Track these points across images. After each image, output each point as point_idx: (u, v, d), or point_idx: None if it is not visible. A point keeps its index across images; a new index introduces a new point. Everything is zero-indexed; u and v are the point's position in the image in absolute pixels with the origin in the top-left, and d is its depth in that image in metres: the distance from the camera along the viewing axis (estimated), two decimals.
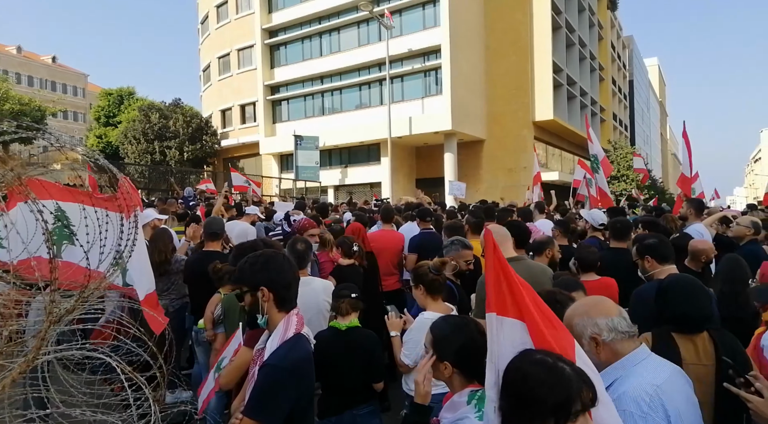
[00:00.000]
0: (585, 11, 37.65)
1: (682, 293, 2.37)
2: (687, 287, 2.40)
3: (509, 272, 1.47)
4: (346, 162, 30.97)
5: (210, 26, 38.20)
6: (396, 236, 6.09)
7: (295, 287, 2.14)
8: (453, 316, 2.18)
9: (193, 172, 28.74)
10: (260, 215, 8.24)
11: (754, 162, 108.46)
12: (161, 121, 31.76)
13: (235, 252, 3.53)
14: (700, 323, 2.33)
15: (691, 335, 2.30)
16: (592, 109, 38.43)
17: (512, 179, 28.48)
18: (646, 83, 76.10)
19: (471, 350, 1.85)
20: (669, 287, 2.46)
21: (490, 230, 1.58)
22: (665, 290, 2.46)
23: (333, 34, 30.82)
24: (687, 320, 2.33)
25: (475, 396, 1.83)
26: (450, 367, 1.86)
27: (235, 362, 2.49)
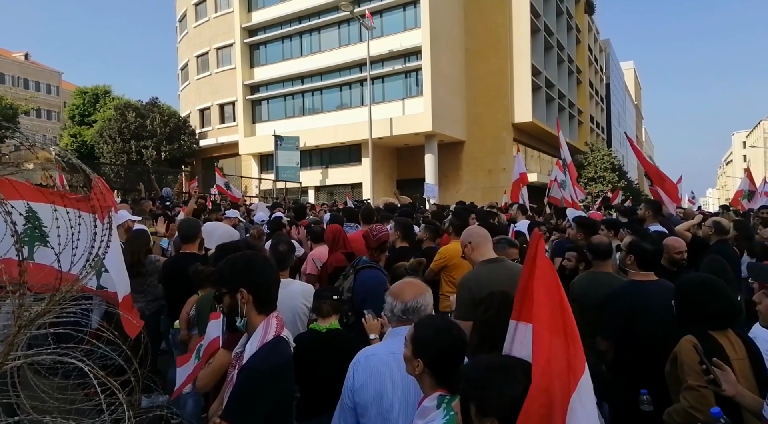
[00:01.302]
0: (563, 15, 38.21)
1: (716, 292, 2.44)
2: (717, 284, 2.48)
3: (535, 274, 1.45)
4: (327, 163, 30.86)
5: (188, 24, 37.71)
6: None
7: (275, 289, 2.12)
8: (440, 318, 2.13)
9: (170, 172, 28.32)
10: (240, 218, 8.16)
11: (725, 164, 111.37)
12: (138, 121, 31.21)
13: (217, 253, 3.49)
14: (734, 318, 2.42)
15: (724, 330, 2.38)
16: (569, 111, 39.00)
17: (492, 181, 28.74)
18: (623, 86, 77.54)
19: (448, 355, 1.84)
20: (701, 286, 2.50)
21: (540, 234, 1.55)
22: (696, 290, 2.49)
23: (313, 34, 30.70)
24: (724, 317, 2.40)
25: (443, 400, 1.82)
26: (422, 365, 1.85)
27: (213, 365, 2.46)
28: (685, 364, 2.28)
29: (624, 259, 3.34)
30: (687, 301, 2.50)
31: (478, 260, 3.47)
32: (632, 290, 3.18)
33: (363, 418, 2.15)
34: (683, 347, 2.33)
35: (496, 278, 3.22)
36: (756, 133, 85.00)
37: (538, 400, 1.30)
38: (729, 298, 2.43)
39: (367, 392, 2.16)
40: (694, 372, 2.20)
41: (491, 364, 1.48)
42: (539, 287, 1.43)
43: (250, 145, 32.13)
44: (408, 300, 2.26)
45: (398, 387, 2.14)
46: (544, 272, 1.44)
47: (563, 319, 1.40)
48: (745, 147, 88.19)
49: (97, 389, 1.43)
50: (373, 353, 2.27)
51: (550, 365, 1.34)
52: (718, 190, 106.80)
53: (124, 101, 36.50)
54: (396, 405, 2.12)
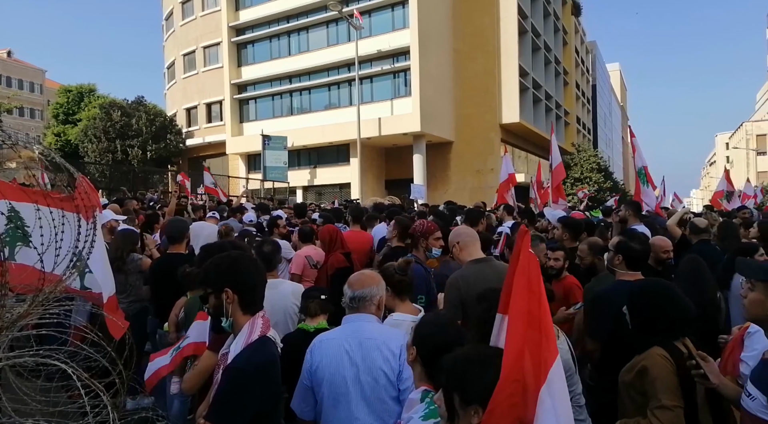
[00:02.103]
0: (550, 16, 38.50)
1: (673, 299, 2.33)
2: (674, 292, 2.37)
3: (516, 269, 1.49)
4: (315, 163, 30.78)
5: (175, 23, 37.38)
6: (365, 236, 6.08)
7: (261, 289, 2.10)
8: (444, 316, 2.26)
9: (156, 171, 28.03)
10: (216, 217, 8.07)
11: (709, 165, 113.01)
12: (123, 120, 30.84)
13: (202, 254, 3.45)
14: (691, 325, 2.33)
15: (682, 339, 2.28)
16: (556, 112, 39.31)
17: (480, 181, 28.87)
18: (608, 88, 78.32)
19: (443, 352, 1.84)
20: (658, 293, 2.38)
21: (526, 230, 1.58)
22: (653, 298, 2.37)
23: (302, 33, 30.60)
24: (682, 325, 2.31)
25: (427, 395, 1.87)
26: (414, 353, 1.95)
27: (199, 367, 2.44)
28: (658, 380, 2.12)
29: (612, 259, 3.35)
30: (644, 309, 2.37)
31: (466, 259, 3.48)
32: (620, 290, 3.20)
33: (318, 396, 2.35)
34: (655, 361, 2.18)
35: (484, 277, 3.23)
36: (738, 134, 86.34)
37: (508, 389, 1.33)
38: (685, 305, 2.32)
39: (321, 373, 2.33)
40: (669, 391, 2.08)
41: (469, 354, 1.53)
42: (520, 280, 1.46)
43: (237, 144, 31.93)
44: (355, 290, 2.49)
45: (348, 368, 2.32)
46: (527, 266, 1.47)
47: (540, 313, 1.44)
48: (728, 148, 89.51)
49: (81, 391, 1.41)
50: (328, 338, 2.46)
51: (524, 356, 1.38)
52: (701, 191, 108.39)
53: (109, 100, 36.01)
54: (348, 384, 2.30)
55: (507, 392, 1.33)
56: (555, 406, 1.36)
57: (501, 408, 1.32)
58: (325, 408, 2.33)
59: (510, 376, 1.35)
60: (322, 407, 2.35)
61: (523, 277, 1.46)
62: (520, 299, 1.44)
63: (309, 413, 2.42)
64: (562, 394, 1.40)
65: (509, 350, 1.39)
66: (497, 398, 1.32)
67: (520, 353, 1.38)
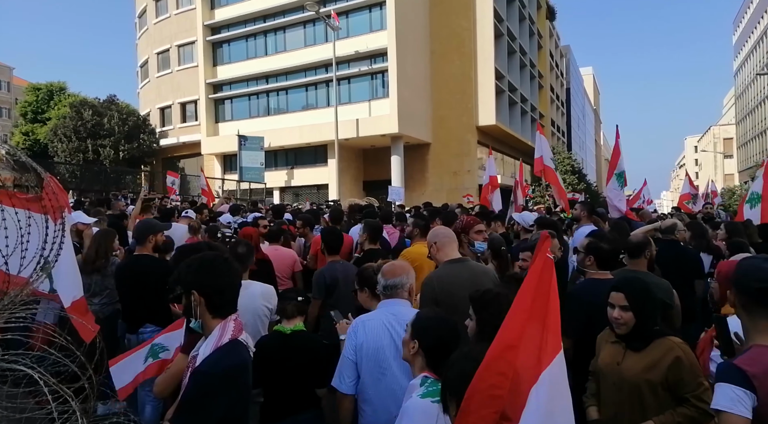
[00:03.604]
0: (525, 20, 39.02)
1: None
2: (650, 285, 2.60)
3: (530, 271, 1.52)
4: (292, 163, 30.58)
5: (148, 20, 36.73)
6: (344, 238, 6.07)
7: (230, 292, 2.05)
8: (441, 311, 2.41)
9: (129, 172, 27.49)
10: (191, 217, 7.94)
11: (679, 167, 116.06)
12: (95, 119, 30.15)
13: (177, 255, 3.41)
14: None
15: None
16: (532, 115, 39.85)
17: (457, 182, 29.09)
18: (582, 91, 79.85)
19: (442, 342, 2.07)
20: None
21: (547, 235, 1.61)
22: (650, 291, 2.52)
23: (278, 33, 30.39)
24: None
25: (427, 380, 2.03)
26: (417, 346, 2.10)
27: (171, 370, 2.39)
28: (695, 365, 2.30)
29: (583, 260, 3.43)
30: (647, 302, 2.54)
31: (442, 260, 3.51)
32: (591, 287, 3.27)
33: (361, 370, 2.64)
34: (684, 349, 2.34)
35: (458, 277, 3.29)
36: (707, 138, 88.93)
37: (490, 380, 1.33)
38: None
39: (366, 348, 2.63)
40: (702, 374, 2.28)
41: (468, 354, 1.71)
42: (531, 276, 1.50)
43: (212, 144, 31.53)
44: (388, 279, 2.78)
45: (390, 344, 2.63)
46: (540, 267, 1.51)
47: (546, 310, 1.45)
48: (697, 151, 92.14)
49: (48, 398, 1.38)
50: (369, 318, 2.76)
51: (516, 352, 1.38)
52: (671, 193, 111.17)
53: (80, 99, 35.13)
54: (390, 358, 2.61)
55: (488, 383, 1.34)
56: (541, 408, 1.35)
57: (480, 396, 1.32)
58: (371, 380, 2.62)
59: (493, 367, 1.35)
60: (367, 380, 2.62)
61: (534, 276, 1.50)
62: (526, 296, 1.47)
63: (351, 388, 2.66)
64: (557, 395, 1.39)
65: (497, 342, 1.41)
66: (476, 386, 1.34)
67: (509, 347, 1.38)
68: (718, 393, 1.79)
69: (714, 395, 1.80)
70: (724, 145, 77.37)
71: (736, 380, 1.75)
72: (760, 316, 1.85)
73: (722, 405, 1.76)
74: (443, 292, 3.28)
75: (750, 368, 1.76)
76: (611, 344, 2.57)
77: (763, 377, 1.73)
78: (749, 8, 62.27)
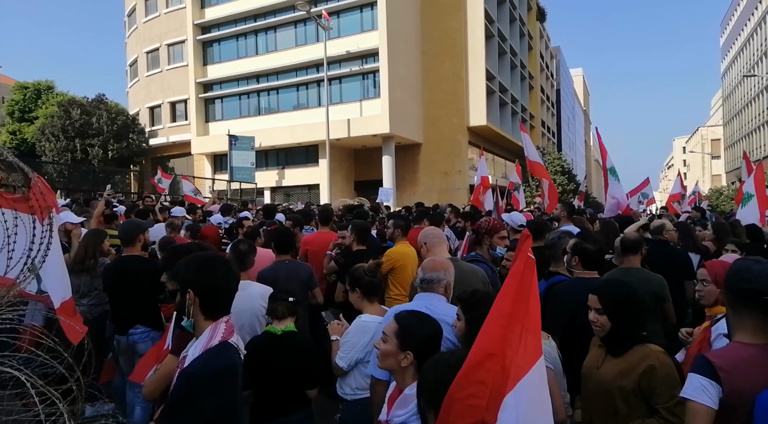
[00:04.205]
0: (516, 21, 39.20)
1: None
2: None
3: (511, 274, 1.50)
4: (283, 163, 30.49)
5: (138, 19, 36.44)
6: (333, 237, 6.06)
7: (226, 295, 2.03)
8: (418, 312, 2.30)
9: (118, 171, 27.26)
10: (187, 216, 7.92)
11: (667, 168, 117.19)
12: (83, 118, 29.83)
13: (168, 255, 3.36)
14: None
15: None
16: (522, 115, 40.05)
17: (448, 182, 29.16)
18: (572, 92, 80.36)
19: (431, 342, 2.01)
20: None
21: (529, 234, 1.60)
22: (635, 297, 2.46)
23: (269, 32, 30.29)
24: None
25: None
26: (411, 356, 1.99)
27: (160, 371, 2.37)
28: (670, 377, 2.22)
29: (570, 260, 3.45)
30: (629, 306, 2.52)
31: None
32: (575, 287, 3.29)
33: None
34: (661, 358, 2.26)
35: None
36: (695, 139, 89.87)
37: (469, 389, 1.31)
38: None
39: None
40: (678, 386, 2.09)
41: (448, 358, 1.61)
42: (510, 282, 1.48)
43: (203, 144, 31.35)
44: (426, 273, 2.81)
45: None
46: (521, 269, 1.49)
47: (526, 316, 1.44)
48: (685, 152, 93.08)
49: (36, 400, 1.36)
50: (405, 308, 2.67)
51: (496, 360, 1.35)
52: (660, 193, 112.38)
53: (68, 98, 34.70)
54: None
55: (467, 392, 1.30)
56: (520, 416, 1.32)
57: (459, 406, 1.29)
58: None
59: (472, 376, 1.32)
60: None
61: (515, 279, 1.47)
62: (506, 300, 1.44)
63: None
64: (537, 402, 1.36)
65: (476, 350, 1.38)
66: (454, 395, 1.31)
67: (489, 355, 1.35)
68: (687, 383, 1.90)
69: (684, 384, 1.90)
70: (711, 146, 78.23)
71: (704, 371, 1.87)
72: (744, 315, 1.92)
73: (688, 393, 1.88)
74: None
75: (718, 360, 1.87)
76: (596, 347, 2.54)
77: (729, 369, 1.83)
78: (736, 11, 63.02)
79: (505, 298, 1.46)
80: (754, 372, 1.82)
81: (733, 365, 1.85)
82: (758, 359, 1.84)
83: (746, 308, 1.90)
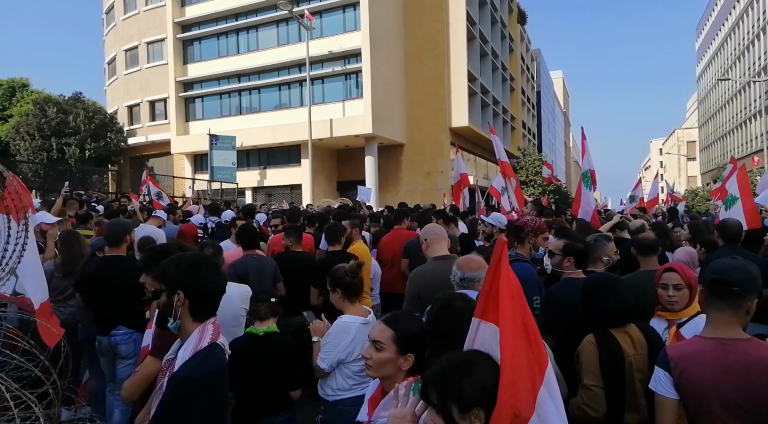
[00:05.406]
0: (497, 24, 39.54)
1: (609, 290, 2.59)
2: (612, 284, 2.64)
3: (500, 279, 1.49)
4: (265, 163, 30.28)
5: (116, 17, 35.88)
6: (307, 238, 6.07)
7: (215, 298, 2.02)
8: (406, 312, 2.32)
9: (95, 171, 26.76)
10: (161, 218, 7.80)
11: (645, 170, 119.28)
12: (59, 116, 29.23)
13: (147, 256, 3.31)
14: (628, 316, 2.56)
15: (624, 327, 2.53)
16: (503, 117, 40.40)
17: (431, 183, 29.27)
18: (552, 94, 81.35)
19: (425, 339, 1.99)
20: (595, 286, 2.67)
21: (504, 241, 1.60)
22: (592, 290, 2.66)
23: (251, 32, 30.07)
24: (618, 315, 2.54)
25: (417, 386, 1.83)
26: (413, 357, 1.93)
27: (140, 373, 2.34)
28: (584, 364, 2.44)
29: (561, 262, 3.41)
30: (588, 300, 2.67)
31: (431, 256, 3.73)
32: (569, 287, 3.31)
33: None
34: (584, 347, 2.49)
35: (442, 274, 3.41)
36: (671, 141, 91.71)
37: (508, 391, 1.34)
38: (623, 296, 2.56)
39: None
40: (591, 373, 2.39)
41: (454, 361, 1.49)
42: (504, 290, 1.47)
43: (182, 144, 30.96)
44: (465, 272, 2.86)
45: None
46: (507, 277, 1.49)
47: (524, 321, 1.47)
48: (662, 154, 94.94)
49: (10, 403, 1.34)
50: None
51: (515, 362, 1.39)
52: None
53: (43, 95, 33.97)
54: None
55: (508, 394, 1.34)
56: (555, 404, 1.41)
57: (505, 409, 1.32)
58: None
59: (510, 378, 1.35)
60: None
61: (506, 287, 1.48)
62: (506, 309, 1.45)
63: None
64: (557, 393, 1.45)
65: (505, 356, 1.39)
66: (502, 399, 1.32)
67: (513, 359, 1.39)
68: (653, 375, 2.04)
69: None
70: (687, 148, 79.89)
71: (660, 363, 2.02)
72: (712, 309, 1.99)
73: (652, 385, 2.03)
74: (426, 287, 3.45)
75: (672, 351, 2.00)
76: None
77: (679, 358, 1.95)
78: (711, 15, 64.50)
79: (508, 306, 1.46)
80: (705, 363, 1.90)
81: (684, 355, 1.95)
82: (711, 352, 1.91)
83: (715, 300, 1.96)
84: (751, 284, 1.94)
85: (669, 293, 2.83)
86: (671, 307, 2.83)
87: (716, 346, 1.91)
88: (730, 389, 1.85)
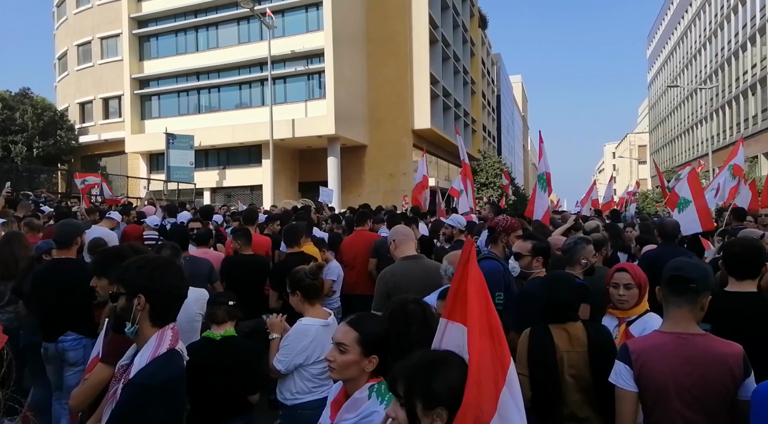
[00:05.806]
0: (459, 28, 40.08)
1: (547, 286, 2.68)
2: (554, 280, 2.70)
3: (468, 279, 1.51)
4: (225, 163, 29.70)
5: (68, 10, 34.46)
6: (262, 240, 6.01)
7: (177, 303, 1.96)
8: (368, 313, 2.26)
9: (44, 170, 25.64)
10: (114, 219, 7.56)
11: (599, 172, 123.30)
12: (5, 113, 27.89)
13: (99, 258, 3.18)
14: (562, 311, 2.59)
15: (564, 324, 2.56)
16: (465, 120, 40.97)
17: (393, 184, 29.38)
18: (511, 98, 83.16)
19: (388, 339, 1.98)
20: (543, 283, 2.79)
21: (472, 241, 1.61)
22: (542, 287, 2.76)
23: (210, 29, 29.46)
24: (552, 309, 2.60)
25: (374, 389, 1.89)
26: (377, 359, 1.91)
27: (90, 381, 2.25)
28: (518, 354, 2.54)
29: (530, 262, 3.46)
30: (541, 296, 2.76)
31: (399, 256, 3.81)
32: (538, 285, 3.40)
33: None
34: (521, 338, 2.64)
35: (411, 273, 3.59)
36: (624, 145, 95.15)
37: (473, 391, 1.35)
38: (558, 291, 2.61)
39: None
40: (520, 362, 2.49)
41: (428, 357, 1.50)
42: (471, 291, 1.49)
43: (138, 142, 30.00)
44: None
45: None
46: (475, 277, 1.51)
47: (489, 321, 1.49)
48: (615, 157, 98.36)
49: None
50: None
51: (481, 362, 1.41)
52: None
53: None
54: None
55: (473, 394, 1.35)
56: (516, 403, 1.43)
57: (469, 409, 1.33)
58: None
59: (476, 379, 1.36)
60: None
61: (473, 288, 1.49)
62: (474, 310, 1.47)
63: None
64: (518, 393, 1.48)
65: (472, 357, 1.41)
66: (467, 399, 1.33)
67: (480, 356, 1.41)
68: (613, 369, 2.10)
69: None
70: (638, 152, 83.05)
71: (621, 357, 2.08)
72: (670, 305, 2.07)
73: (612, 379, 2.09)
74: (395, 287, 3.52)
75: (632, 345, 2.08)
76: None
77: (640, 352, 2.03)
78: (662, 25, 67.29)
79: (475, 306, 1.48)
80: (665, 357, 1.98)
81: (645, 349, 2.03)
82: (670, 347, 1.99)
83: (673, 296, 2.04)
84: (707, 280, 2.04)
85: (620, 292, 2.89)
86: (621, 305, 2.89)
87: (675, 340, 1.99)
88: (688, 381, 1.94)
